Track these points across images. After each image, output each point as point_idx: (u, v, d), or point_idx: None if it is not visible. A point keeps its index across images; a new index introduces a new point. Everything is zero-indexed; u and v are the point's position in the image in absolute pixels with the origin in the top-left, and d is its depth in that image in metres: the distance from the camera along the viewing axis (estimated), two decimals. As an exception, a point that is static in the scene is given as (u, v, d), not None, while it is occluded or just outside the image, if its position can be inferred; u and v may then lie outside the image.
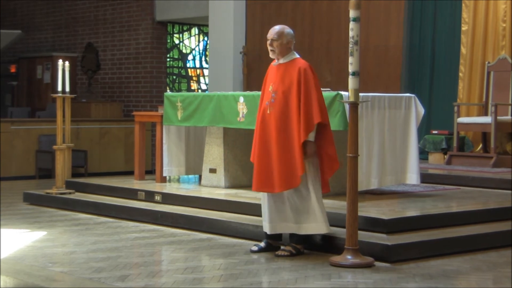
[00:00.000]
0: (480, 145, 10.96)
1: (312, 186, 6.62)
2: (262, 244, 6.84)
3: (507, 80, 10.66)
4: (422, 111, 8.52)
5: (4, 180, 12.79)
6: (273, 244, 6.81)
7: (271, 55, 6.77)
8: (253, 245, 6.89)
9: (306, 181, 6.61)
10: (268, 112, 6.66)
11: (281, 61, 6.75)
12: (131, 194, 9.24)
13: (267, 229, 6.74)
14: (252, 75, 13.61)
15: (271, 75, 6.78)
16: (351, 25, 6.34)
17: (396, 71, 12.15)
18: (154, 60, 15.93)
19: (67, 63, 10.11)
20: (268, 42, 6.74)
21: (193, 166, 9.75)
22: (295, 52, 6.79)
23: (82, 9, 17.22)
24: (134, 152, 10.16)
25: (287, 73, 6.64)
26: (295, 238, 6.73)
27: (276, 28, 6.76)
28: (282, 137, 6.55)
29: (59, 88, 10.03)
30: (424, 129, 11.38)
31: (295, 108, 6.52)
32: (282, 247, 6.74)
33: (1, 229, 7.95)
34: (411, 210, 7.59)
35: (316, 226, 6.64)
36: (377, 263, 6.33)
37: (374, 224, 6.89)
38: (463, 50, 11.25)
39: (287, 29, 6.77)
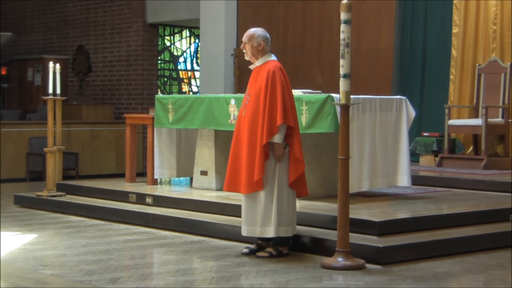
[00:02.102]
0: (471, 147, 10.99)
1: (278, 189, 6.64)
2: (253, 246, 6.84)
3: (497, 82, 10.68)
4: (413, 113, 8.54)
5: (-5, 183, 12.77)
6: (264, 246, 6.81)
7: (245, 57, 6.88)
8: (244, 248, 6.89)
9: (273, 184, 6.62)
10: (243, 114, 6.75)
11: (257, 63, 6.81)
12: (122, 196, 9.22)
13: (243, 231, 6.77)
14: (244, 77, 13.59)
15: (250, 78, 6.86)
16: (342, 27, 6.35)
17: (387, 73, 12.17)
18: (145, 63, 15.92)
19: (58, 65, 10.09)
20: (241, 45, 6.82)
21: (185, 169, 9.74)
22: (272, 55, 6.83)
23: (73, 11, 17.20)
24: (125, 154, 10.14)
25: (259, 76, 6.71)
26: (276, 239, 6.73)
27: (249, 31, 6.84)
28: (251, 140, 6.62)
29: (50, 91, 10.01)
30: (415, 131, 11.39)
31: (261, 111, 6.59)
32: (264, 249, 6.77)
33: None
34: (402, 212, 7.60)
35: (276, 229, 6.64)
36: (368, 265, 6.34)
37: (365, 226, 6.89)
38: (454, 52, 11.27)
39: (259, 32, 6.80)
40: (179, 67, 17.15)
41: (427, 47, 11.87)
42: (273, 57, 6.81)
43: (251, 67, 6.86)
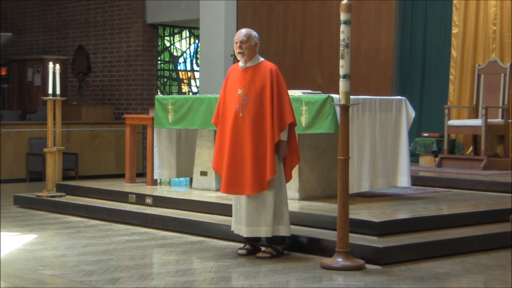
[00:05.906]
0: (471, 148, 10.99)
1: (284, 187, 6.73)
2: (248, 246, 6.84)
3: (497, 82, 10.68)
4: (413, 113, 8.54)
5: (-6, 183, 12.77)
6: (257, 245, 6.82)
7: (239, 57, 6.77)
8: (238, 249, 6.88)
9: (280, 182, 6.69)
10: (240, 115, 6.68)
11: (248, 64, 6.77)
12: (122, 197, 9.22)
13: (243, 232, 6.75)
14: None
15: (237, 78, 6.78)
16: (342, 27, 6.35)
17: (387, 74, 12.17)
18: (145, 63, 15.91)
19: (57, 65, 10.09)
20: (237, 45, 6.74)
21: (184, 169, 9.74)
22: (259, 56, 6.83)
23: (73, 12, 17.19)
24: (125, 155, 10.14)
25: (258, 76, 6.69)
26: (274, 239, 6.73)
27: (243, 31, 6.81)
28: (256, 139, 6.61)
29: (50, 91, 10.01)
30: (415, 131, 11.40)
31: (269, 110, 6.60)
32: (262, 249, 6.77)
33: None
34: (402, 213, 7.60)
35: (284, 228, 6.69)
36: (368, 266, 6.34)
37: (365, 227, 6.89)
38: (453, 53, 11.27)
39: (254, 32, 6.84)
40: (179, 68, 17.15)
41: (427, 47, 11.87)
42: (263, 58, 6.84)
43: (241, 67, 6.81)
